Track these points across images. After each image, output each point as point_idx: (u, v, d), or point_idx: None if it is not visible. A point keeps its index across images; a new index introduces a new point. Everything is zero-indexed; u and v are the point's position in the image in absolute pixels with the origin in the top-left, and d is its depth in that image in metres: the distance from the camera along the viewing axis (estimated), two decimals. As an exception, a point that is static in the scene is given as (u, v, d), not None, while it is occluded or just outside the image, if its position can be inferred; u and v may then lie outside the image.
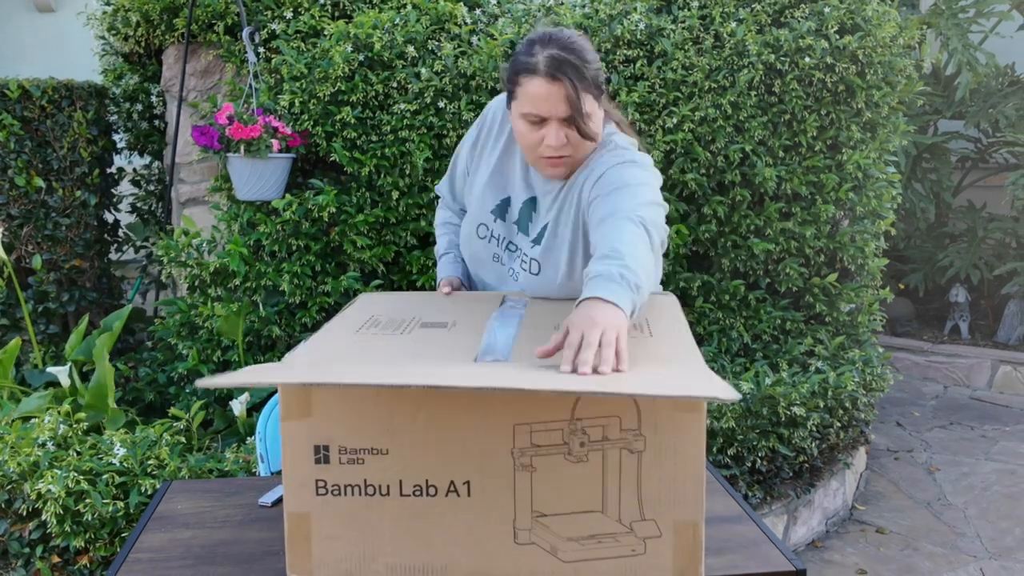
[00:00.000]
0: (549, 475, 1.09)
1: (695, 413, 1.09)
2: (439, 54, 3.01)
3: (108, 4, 3.57)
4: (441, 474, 1.10)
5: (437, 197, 1.91)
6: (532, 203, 1.63)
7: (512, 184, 1.66)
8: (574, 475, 1.10)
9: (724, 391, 0.94)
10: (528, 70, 1.47)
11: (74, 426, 2.59)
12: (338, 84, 2.96)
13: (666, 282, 3.08)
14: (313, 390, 1.08)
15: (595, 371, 1.04)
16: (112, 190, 3.82)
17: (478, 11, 3.18)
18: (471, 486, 1.10)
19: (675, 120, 3.01)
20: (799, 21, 3.08)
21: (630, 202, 1.41)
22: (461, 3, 3.17)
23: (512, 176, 1.66)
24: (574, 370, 1.05)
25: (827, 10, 3.08)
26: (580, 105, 1.45)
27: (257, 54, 3.16)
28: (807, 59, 3.03)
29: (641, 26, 3.05)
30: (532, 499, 1.10)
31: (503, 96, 1.62)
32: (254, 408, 2.86)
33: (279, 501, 1.42)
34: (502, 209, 1.66)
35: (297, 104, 3.00)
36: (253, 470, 2.43)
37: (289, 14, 3.17)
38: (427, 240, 3.12)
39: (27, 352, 3.46)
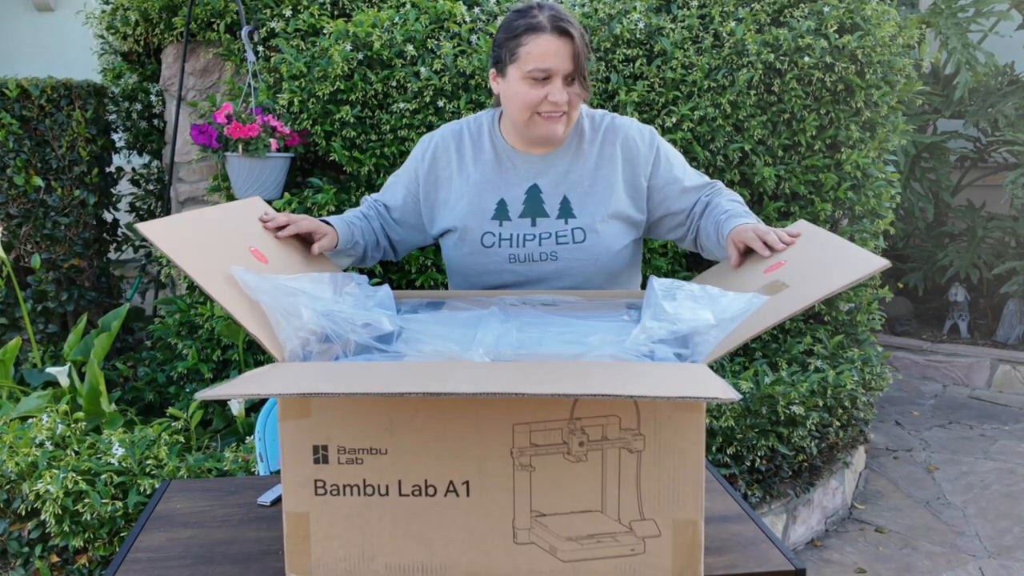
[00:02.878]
0: (548, 475, 1.09)
1: (694, 412, 1.09)
2: (438, 53, 3.01)
3: (107, 3, 3.57)
4: (440, 474, 1.09)
5: None
6: (535, 189, 1.66)
7: (502, 186, 1.68)
8: (573, 475, 1.09)
9: (723, 391, 0.94)
10: (533, 29, 1.53)
11: (72, 426, 2.59)
12: (337, 83, 2.96)
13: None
14: (312, 390, 1.08)
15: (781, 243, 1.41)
16: (111, 189, 3.82)
17: (477, 10, 3.17)
18: (470, 486, 1.10)
19: (674, 119, 3.01)
20: (798, 20, 3.08)
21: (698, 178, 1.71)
22: (460, 2, 3.16)
23: (500, 179, 1.68)
24: (772, 248, 1.41)
25: (826, 9, 3.07)
26: (584, 62, 1.53)
27: (256, 53, 3.16)
28: (806, 58, 3.02)
29: (640, 25, 3.05)
30: (531, 499, 1.10)
31: (434, 132, 1.75)
32: (253, 407, 2.86)
33: (278, 501, 1.42)
34: (502, 212, 1.67)
35: (296, 103, 3.00)
36: (252, 469, 2.43)
37: (288, 12, 3.17)
38: (426, 239, 3.12)
39: (26, 351, 3.46)
